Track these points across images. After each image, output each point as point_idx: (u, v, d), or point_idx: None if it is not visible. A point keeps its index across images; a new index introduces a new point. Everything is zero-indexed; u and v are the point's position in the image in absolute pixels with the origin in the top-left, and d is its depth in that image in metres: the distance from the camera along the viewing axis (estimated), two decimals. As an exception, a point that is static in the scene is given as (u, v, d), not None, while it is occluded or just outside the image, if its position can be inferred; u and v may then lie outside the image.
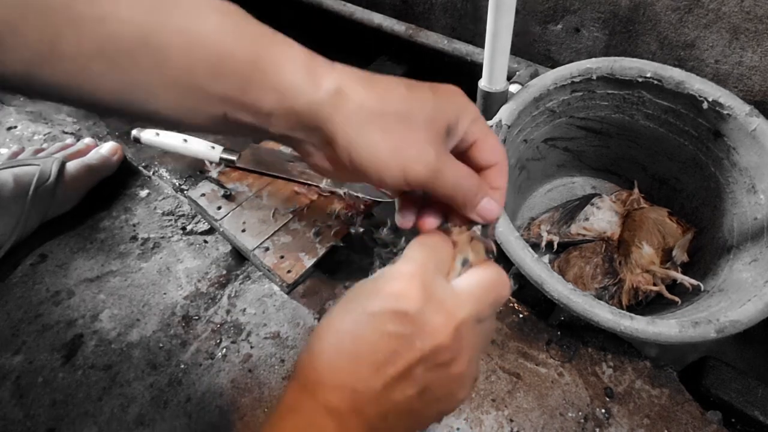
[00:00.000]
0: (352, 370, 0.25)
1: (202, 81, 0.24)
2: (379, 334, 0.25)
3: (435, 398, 0.26)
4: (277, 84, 0.25)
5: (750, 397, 0.46)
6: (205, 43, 0.24)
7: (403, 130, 0.26)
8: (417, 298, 0.26)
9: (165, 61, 0.23)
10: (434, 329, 0.25)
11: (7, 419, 0.49)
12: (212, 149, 0.66)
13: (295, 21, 1.03)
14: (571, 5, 0.62)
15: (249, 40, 0.25)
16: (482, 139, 0.29)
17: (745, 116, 0.49)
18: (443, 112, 0.27)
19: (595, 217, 0.62)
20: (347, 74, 0.26)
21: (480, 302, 0.27)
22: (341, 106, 0.25)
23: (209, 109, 0.25)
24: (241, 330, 0.55)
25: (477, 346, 0.28)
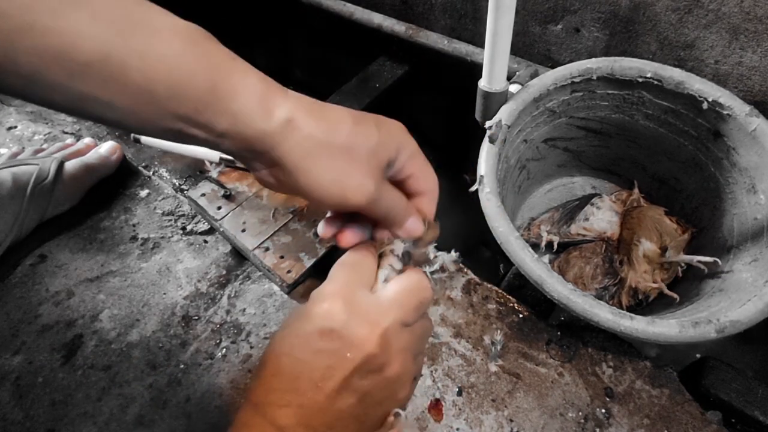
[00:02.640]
0: (295, 389, 0.27)
1: (159, 100, 0.25)
2: (312, 353, 0.28)
3: (376, 402, 0.29)
4: (231, 110, 0.26)
5: (750, 397, 0.46)
6: (165, 67, 0.25)
7: (347, 161, 0.28)
8: (341, 315, 0.28)
9: (123, 79, 0.24)
10: (361, 340, 0.28)
11: (7, 420, 0.49)
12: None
13: (295, 21, 1.02)
14: (571, 5, 0.62)
15: (208, 66, 0.26)
16: (417, 174, 0.32)
17: (745, 116, 0.49)
18: (385, 147, 0.30)
19: (595, 217, 0.62)
20: (299, 104, 0.28)
21: (403, 307, 0.30)
22: (290, 136, 0.27)
23: (164, 124, 0.26)
24: (240, 330, 0.55)
25: (409, 348, 0.30)
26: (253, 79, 0.27)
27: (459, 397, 0.49)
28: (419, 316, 0.32)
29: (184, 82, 0.25)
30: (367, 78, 0.84)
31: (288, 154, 0.27)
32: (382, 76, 0.84)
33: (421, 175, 0.32)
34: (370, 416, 0.29)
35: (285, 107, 0.27)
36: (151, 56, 0.24)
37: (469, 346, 0.52)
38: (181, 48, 0.25)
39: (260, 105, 0.27)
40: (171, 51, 0.25)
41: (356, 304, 0.29)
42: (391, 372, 0.29)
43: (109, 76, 0.24)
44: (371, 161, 0.29)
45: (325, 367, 0.28)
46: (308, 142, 0.27)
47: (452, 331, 0.53)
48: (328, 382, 0.27)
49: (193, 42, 0.26)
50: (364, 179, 0.28)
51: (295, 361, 0.28)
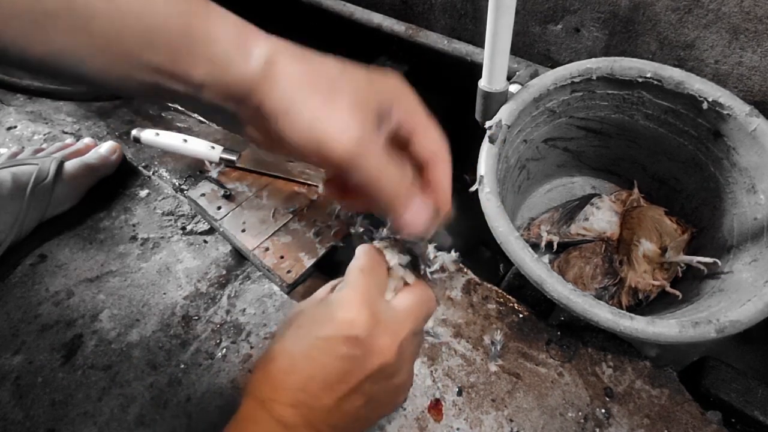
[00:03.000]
0: (306, 389, 0.28)
1: (132, 49, 0.24)
2: (333, 357, 0.28)
3: (379, 405, 0.30)
4: (208, 55, 0.24)
5: (750, 397, 0.46)
6: (134, 12, 0.23)
7: (329, 103, 0.25)
8: (366, 324, 0.28)
9: (91, 28, 0.23)
10: (382, 349, 0.29)
11: (7, 420, 0.49)
12: (212, 149, 0.66)
13: (295, 21, 1.02)
14: (571, 5, 0.62)
15: (181, 10, 0.24)
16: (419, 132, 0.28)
17: (745, 116, 0.49)
18: (376, 92, 0.26)
19: (595, 217, 0.62)
20: (279, 45, 0.25)
21: (416, 319, 0.31)
22: (269, 76, 0.25)
23: (140, 77, 0.24)
24: (240, 330, 0.55)
25: (414, 356, 0.32)
26: (230, 21, 0.25)
27: (459, 397, 0.49)
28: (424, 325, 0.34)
29: (155, 27, 0.23)
30: (367, 78, 0.84)
31: (267, 96, 0.25)
32: (382, 76, 0.84)
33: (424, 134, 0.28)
34: (370, 417, 0.30)
35: (264, 47, 0.25)
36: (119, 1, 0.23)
37: (469, 346, 0.52)
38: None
39: (238, 46, 0.25)
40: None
41: (379, 313, 0.30)
42: (399, 379, 0.30)
43: (75, 25, 0.22)
44: (357, 106, 0.25)
45: (344, 372, 0.28)
46: (288, 82, 0.25)
47: (452, 331, 0.53)
48: (341, 386, 0.28)
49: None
50: (346, 122, 0.24)
51: (313, 362, 0.28)
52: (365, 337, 0.28)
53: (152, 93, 0.25)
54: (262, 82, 0.25)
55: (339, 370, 0.28)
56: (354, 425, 0.30)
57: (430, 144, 0.28)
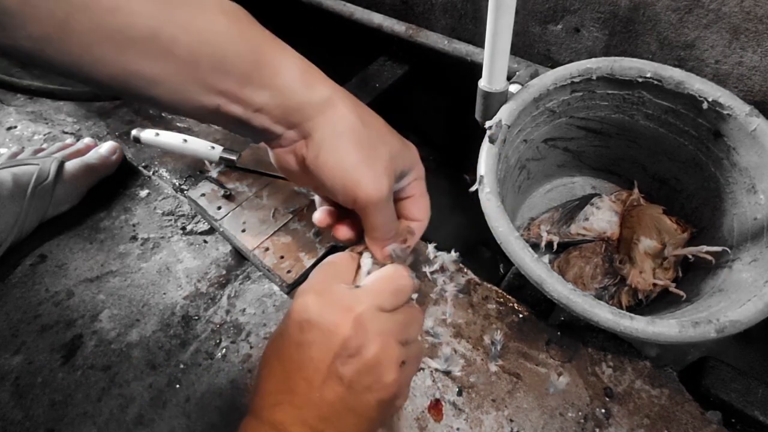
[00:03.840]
0: (285, 387, 0.28)
1: (204, 75, 0.26)
2: (294, 348, 0.29)
3: (364, 387, 0.29)
4: (274, 83, 0.27)
5: (750, 397, 0.46)
6: (211, 42, 0.26)
7: (372, 154, 0.29)
8: (314, 305, 0.29)
9: (171, 55, 0.25)
10: (335, 325, 0.29)
11: (6, 420, 0.49)
12: (212, 149, 0.66)
13: (295, 21, 1.02)
14: (571, 5, 0.62)
15: (252, 43, 0.27)
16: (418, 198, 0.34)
17: (745, 116, 0.49)
18: (404, 157, 0.32)
19: (595, 217, 0.62)
20: (338, 88, 0.30)
21: (379, 293, 0.31)
22: (328, 111, 0.28)
23: (205, 100, 0.27)
24: (240, 330, 0.55)
25: (390, 332, 0.30)
26: (296, 57, 0.29)
27: (459, 397, 0.49)
28: (399, 302, 0.32)
29: (228, 57, 0.26)
30: (367, 78, 0.84)
31: (321, 128, 0.28)
32: (382, 76, 0.84)
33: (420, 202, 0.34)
34: (362, 404, 0.29)
35: (326, 86, 0.29)
36: (198, 32, 0.25)
37: (469, 346, 0.52)
38: (226, 25, 0.26)
39: (303, 79, 0.28)
40: (217, 27, 0.26)
41: (328, 294, 0.30)
42: (369, 353, 0.29)
43: (156, 52, 0.24)
44: (389, 168, 0.30)
45: (309, 359, 0.28)
46: (343, 121, 0.28)
47: (452, 331, 0.53)
48: (314, 374, 0.28)
49: (237, 20, 0.27)
50: (382, 176, 0.29)
51: (282, 360, 0.29)
52: (315, 317, 0.29)
53: (211, 115, 0.28)
54: (319, 116, 0.28)
55: (305, 358, 0.28)
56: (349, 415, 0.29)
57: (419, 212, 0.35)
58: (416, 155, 0.33)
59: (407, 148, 0.32)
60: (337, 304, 0.30)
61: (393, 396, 0.30)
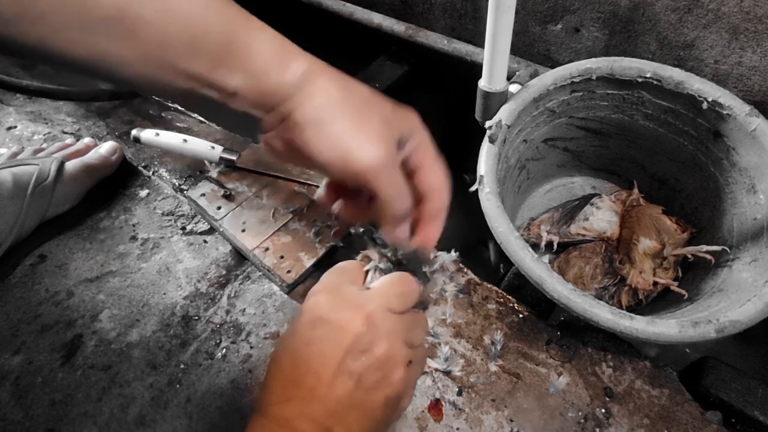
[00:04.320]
0: (295, 383, 0.28)
1: (174, 57, 0.25)
2: (305, 344, 0.29)
3: (372, 384, 0.29)
4: (246, 65, 0.26)
5: (750, 397, 0.46)
6: (180, 22, 0.25)
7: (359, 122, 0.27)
8: (327, 304, 0.29)
9: (139, 35, 0.24)
10: (347, 322, 0.29)
11: (7, 420, 0.49)
12: (212, 149, 0.66)
13: (295, 21, 1.02)
14: (571, 5, 0.62)
15: (224, 21, 0.26)
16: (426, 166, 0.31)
17: (745, 116, 0.49)
18: (399, 123, 0.29)
19: (595, 217, 0.62)
20: (315, 62, 0.28)
21: (386, 295, 0.31)
22: (305, 88, 0.27)
23: (177, 82, 0.26)
24: (240, 330, 0.55)
25: (397, 332, 0.30)
26: (270, 35, 0.27)
27: (459, 397, 0.49)
28: (406, 305, 0.32)
29: (199, 38, 0.25)
30: (367, 78, 0.84)
31: (300, 107, 0.27)
32: (382, 76, 0.84)
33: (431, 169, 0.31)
34: (369, 401, 0.29)
35: (302, 62, 0.27)
36: (167, 12, 0.24)
37: (469, 346, 0.52)
38: (196, 4, 0.25)
39: (277, 59, 0.27)
40: (186, 7, 0.25)
41: (341, 293, 0.30)
42: (379, 350, 0.29)
43: (124, 32, 0.24)
44: (383, 129, 0.28)
45: (320, 354, 0.28)
46: (322, 96, 0.27)
47: (452, 331, 0.53)
48: (324, 370, 0.28)
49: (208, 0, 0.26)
50: (373, 143, 0.27)
51: (292, 356, 0.29)
52: (328, 315, 0.29)
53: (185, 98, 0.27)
54: (296, 94, 0.27)
55: (316, 354, 0.28)
56: (356, 412, 0.29)
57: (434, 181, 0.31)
58: (416, 119, 0.31)
59: (403, 112, 0.30)
60: (348, 302, 0.30)
61: (399, 394, 0.30)
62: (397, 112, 0.30)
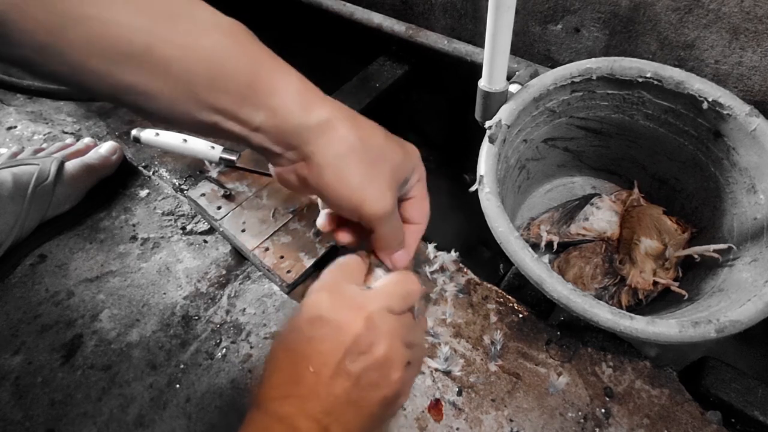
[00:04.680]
0: (294, 380, 0.29)
1: (199, 92, 0.26)
2: (305, 342, 0.29)
3: (371, 384, 0.29)
4: (271, 104, 0.27)
5: (750, 397, 0.46)
6: (207, 60, 0.26)
7: (375, 171, 0.30)
8: (327, 303, 0.30)
9: (165, 71, 0.25)
10: (347, 322, 0.29)
11: (6, 419, 0.49)
12: (212, 149, 0.66)
13: (295, 21, 1.02)
14: (571, 5, 0.62)
15: (249, 61, 0.27)
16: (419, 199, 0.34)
17: (745, 116, 0.49)
18: (405, 166, 0.32)
19: (595, 217, 0.62)
20: (337, 107, 0.30)
21: (389, 296, 0.32)
22: (327, 134, 0.28)
23: (202, 117, 0.27)
24: (240, 330, 0.55)
25: (397, 333, 0.31)
26: (294, 77, 0.29)
27: (459, 397, 0.49)
28: (407, 305, 0.33)
29: (225, 75, 0.26)
30: (367, 78, 0.84)
31: (321, 150, 0.28)
32: (382, 76, 0.84)
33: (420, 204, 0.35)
34: (366, 400, 0.30)
35: (324, 107, 0.29)
36: (193, 49, 0.25)
37: (468, 346, 0.52)
38: (222, 43, 0.26)
39: (300, 101, 0.28)
40: (213, 45, 0.26)
41: (341, 293, 0.31)
42: (378, 352, 0.30)
43: (151, 67, 0.25)
44: (393, 177, 0.31)
45: (319, 353, 0.29)
46: (343, 143, 0.29)
47: (452, 331, 0.53)
48: (323, 368, 0.28)
49: (234, 37, 0.27)
50: (385, 192, 0.30)
51: (291, 353, 0.29)
52: (328, 314, 0.30)
53: (208, 130, 0.28)
54: (317, 138, 0.28)
55: (315, 352, 0.29)
56: (353, 411, 0.29)
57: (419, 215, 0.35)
58: (416, 158, 0.34)
59: (408, 154, 0.33)
60: (349, 302, 0.30)
61: (396, 394, 0.31)
62: (404, 156, 0.32)
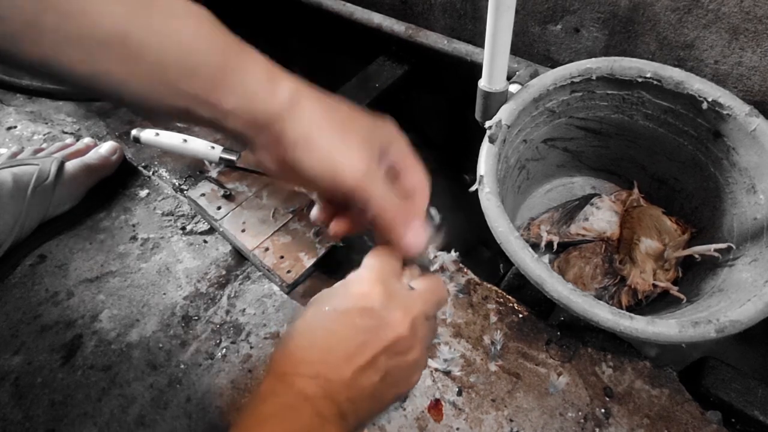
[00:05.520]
0: (326, 361, 0.29)
1: (172, 79, 0.26)
2: (349, 328, 0.30)
3: (394, 382, 0.31)
4: (239, 88, 0.28)
5: (750, 397, 0.46)
6: (179, 46, 0.26)
7: (343, 140, 0.29)
8: (380, 297, 0.30)
9: (140, 58, 0.25)
10: (395, 322, 0.30)
11: (7, 420, 0.49)
12: (212, 149, 0.66)
13: (295, 21, 1.02)
14: (571, 5, 0.62)
15: (219, 47, 0.28)
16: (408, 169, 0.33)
17: (745, 116, 0.49)
18: (379, 134, 0.32)
19: (595, 217, 0.62)
20: (301, 85, 0.30)
21: (427, 302, 0.33)
22: (293, 111, 0.29)
23: (174, 102, 0.27)
24: (240, 330, 0.55)
25: (426, 339, 0.33)
26: (260, 60, 0.29)
27: (459, 397, 0.49)
28: (437, 312, 0.35)
29: (196, 61, 0.26)
30: (366, 78, 0.84)
31: (289, 128, 0.29)
32: (382, 76, 0.84)
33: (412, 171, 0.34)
34: (385, 395, 0.31)
35: (289, 86, 0.29)
36: (167, 36, 0.26)
37: (469, 346, 0.52)
38: (195, 29, 0.27)
39: (267, 83, 0.28)
40: (185, 31, 0.26)
41: (392, 290, 0.31)
42: (412, 356, 0.31)
43: (126, 55, 0.25)
44: (365, 144, 0.30)
45: (360, 343, 0.29)
46: (308, 117, 0.29)
47: (452, 331, 0.53)
48: (358, 358, 0.29)
49: (204, 24, 0.27)
50: (357, 158, 0.30)
51: (332, 334, 0.30)
52: (379, 309, 0.30)
53: (181, 115, 0.29)
54: (285, 116, 0.28)
55: (357, 342, 0.29)
56: (370, 402, 0.30)
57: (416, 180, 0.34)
58: (393, 129, 0.33)
59: (381, 123, 0.32)
60: (399, 301, 0.31)
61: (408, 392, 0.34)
62: (376, 125, 0.32)
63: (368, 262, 0.33)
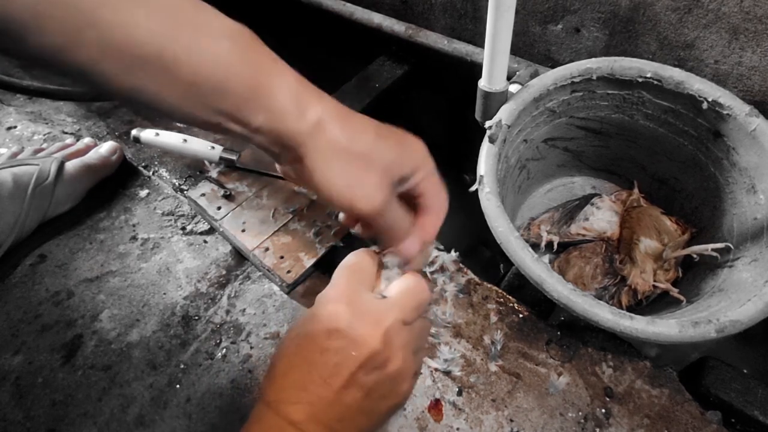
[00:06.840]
0: (305, 387, 0.29)
1: (205, 94, 0.27)
2: (320, 352, 0.30)
3: (380, 395, 0.31)
4: (268, 107, 0.28)
5: (750, 397, 0.46)
6: (212, 65, 0.27)
7: (362, 171, 0.30)
8: (345, 315, 0.31)
9: (174, 73, 0.26)
10: (365, 338, 0.30)
11: (7, 420, 0.49)
12: (212, 149, 0.66)
13: (295, 21, 1.02)
14: (571, 5, 0.62)
15: (251, 66, 0.28)
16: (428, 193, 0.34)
17: (745, 116, 0.49)
18: (401, 164, 0.32)
19: (595, 217, 0.62)
20: (329, 108, 0.30)
21: (403, 308, 0.32)
22: (316, 137, 0.29)
23: (206, 117, 0.28)
24: (240, 330, 0.55)
25: (409, 345, 0.32)
26: (291, 80, 0.30)
27: (459, 397, 0.49)
28: (418, 315, 0.34)
29: (228, 80, 0.27)
30: (367, 78, 0.84)
31: (311, 153, 0.29)
32: (382, 76, 0.84)
33: (433, 196, 0.34)
34: (376, 409, 0.31)
35: (316, 109, 0.29)
36: (201, 54, 0.26)
37: (469, 346, 0.52)
38: (228, 48, 0.27)
39: (295, 105, 0.29)
40: (219, 50, 0.27)
41: (359, 305, 0.31)
42: (393, 367, 0.31)
43: (161, 70, 0.26)
44: (384, 175, 0.31)
45: (333, 365, 0.29)
46: (331, 145, 0.29)
47: (452, 331, 0.53)
48: (335, 379, 0.29)
49: (239, 42, 0.28)
50: (373, 191, 0.30)
51: (304, 360, 0.30)
52: (346, 328, 0.30)
53: (213, 129, 0.29)
54: (309, 141, 0.29)
55: (330, 364, 0.29)
56: (362, 418, 0.30)
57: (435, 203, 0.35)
58: (419, 154, 0.33)
59: (407, 152, 0.32)
60: (366, 316, 0.31)
61: (403, 402, 0.33)
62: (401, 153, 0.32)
63: (334, 277, 0.34)
